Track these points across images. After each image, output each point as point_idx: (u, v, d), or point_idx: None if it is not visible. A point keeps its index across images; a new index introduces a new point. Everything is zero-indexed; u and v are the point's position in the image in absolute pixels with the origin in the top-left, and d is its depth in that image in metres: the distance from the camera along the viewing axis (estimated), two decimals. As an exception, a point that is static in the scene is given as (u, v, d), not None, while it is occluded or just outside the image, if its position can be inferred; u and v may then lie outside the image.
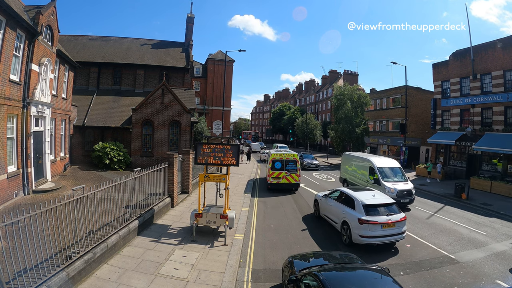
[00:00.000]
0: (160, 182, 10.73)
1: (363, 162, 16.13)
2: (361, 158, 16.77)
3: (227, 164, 9.01)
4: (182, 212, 11.04)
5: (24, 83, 12.20)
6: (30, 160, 12.67)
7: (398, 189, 13.59)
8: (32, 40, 12.57)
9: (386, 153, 35.53)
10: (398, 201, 12.46)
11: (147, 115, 21.08)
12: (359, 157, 17.22)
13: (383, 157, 18.71)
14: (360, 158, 16.80)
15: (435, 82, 26.63)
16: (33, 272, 4.83)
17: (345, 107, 31.97)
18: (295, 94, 78.70)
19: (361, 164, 16.34)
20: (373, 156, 17.14)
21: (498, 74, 20.69)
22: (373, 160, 15.48)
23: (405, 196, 13.64)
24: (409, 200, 13.79)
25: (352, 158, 17.94)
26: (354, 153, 19.65)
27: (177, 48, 29.77)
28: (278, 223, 11.10)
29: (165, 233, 8.87)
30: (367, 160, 15.78)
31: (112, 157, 18.87)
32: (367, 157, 16.50)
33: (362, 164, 16.16)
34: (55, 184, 14.29)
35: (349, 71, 58.00)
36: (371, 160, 15.38)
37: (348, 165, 18.03)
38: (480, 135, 21.42)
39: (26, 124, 12.34)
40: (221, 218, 8.62)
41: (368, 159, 15.83)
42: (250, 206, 13.15)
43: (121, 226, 7.62)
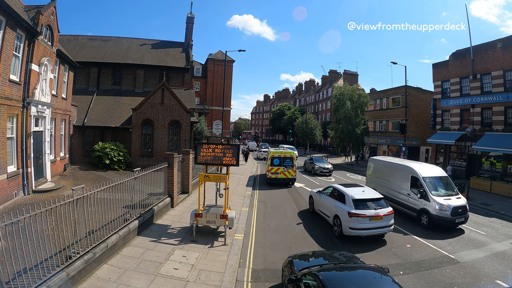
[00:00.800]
0: (160, 182, 10.73)
1: (401, 170, 12.84)
2: (397, 164, 13.47)
3: (227, 164, 9.01)
4: (182, 212, 11.04)
5: (24, 83, 12.20)
6: (30, 160, 12.66)
7: (452, 206, 10.49)
8: (32, 40, 12.57)
9: (386, 153, 35.55)
10: (453, 221, 10.44)
11: (147, 115, 21.07)
12: (393, 163, 13.91)
13: (425, 163, 14.88)
14: (396, 165, 13.53)
15: (435, 82, 26.65)
16: (33, 272, 4.83)
17: (345, 107, 31.96)
18: (295, 94, 78.73)
19: (398, 172, 13.00)
20: (414, 163, 13.46)
21: (498, 74, 20.70)
22: (415, 167, 12.12)
23: (461, 215, 10.58)
24: (464, 219, 10.77)
25: (383, 164, 14.55)
26: (385, 158, 15.88)
27: (177, 48, 29.77)
28: (278, 223, 11.10)
29: (165, 233, 8.87)
30: (407, 167, 12.43)
31: (112, 157, 18.86)
32: (406, 163, 13.08)
33: (399, 173, 12.83)
34: (55, 184, 14.28)
35: (349, 71, 58.04)
36: (413, 168, 12.08)
37: (378, 173, 14.56)
38: (480, 135, 21.44)
39: (26, 124, 12.33)
40: (221, 218, 8.63)
41: (408, 166, 12.51)
42: (250, 206, 13.15)
43: (121, 226, 7.62)
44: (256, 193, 16.35)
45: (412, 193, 11.83)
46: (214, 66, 46.31)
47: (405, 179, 12.32)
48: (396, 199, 12.70)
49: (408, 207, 12.00)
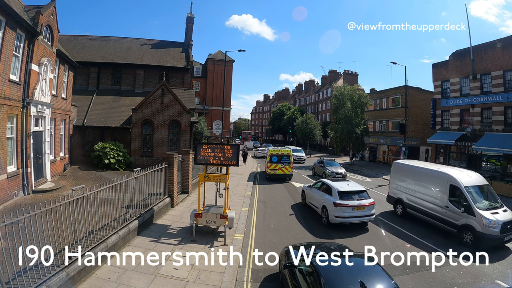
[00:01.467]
0: (160, 182, 10.73)
1: (435, 177, 10.82)
2: (430, 171, 11.29)
3: (227, 164, 9.02)
4: (182, 212, 11.03)
5: (24, 83, 12.21)
6: (30, 160, 12.67)
7: (501, 221, 8.71)
8: (32, 40, 12.57)
9: (385, 153, 35.57)
10: (501, 239, 8.68)
11: (147, 115, 21.08)
12: (425, 169, 11.67)
13: (461, 168, 12.49)
14: (428, 171, 11.36)
15: (435, 82, 26.67)
16: (32, 272, 4.83)
17: (345, 107, 31.97)
18: (295, 94, 78.72)
19: (431, 180, 11.02)
20: (450, 168, 11.44)
21: (498, 74, 20.72)
22: (455, 175, 10.14)
23: (510, 231, 8.84)
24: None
25: (411, 170, 12.27)
26: (413, 163, 13.19)
27: (177, 48, 29.77)
28: (278, 223, 11.10)
29: (165, 233, 8.87)
30: (444, 174, 10.43)
31: (111, 157, 18.86)
32: (442, 169, 10.99)
33: (433, 181, 10.91)
34: (55, 184, 14.29)
35: (349, 71, 58.04)
36: (452, 175, 10.09)
37: (405, 180, 12.43)
38: (480, 135, 21.46)
39: (26, 124, 12.34)
40: (221, 218, 8.62)
41: (445, 173, 10.46)
42: (250, 206, 13.14)
43: (121, 226, 7.63)
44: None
45: (451, 206, 9.81)
46: (214, 66, 46.29)
47: (441, 189, 10.35)
48: (429, 212, 10.70)
49: (445, 222, 9.98)
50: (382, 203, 13.84)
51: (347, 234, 9.98)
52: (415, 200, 11.55)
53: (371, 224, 11.07)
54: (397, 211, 12.59)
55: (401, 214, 12.28)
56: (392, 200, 13.02)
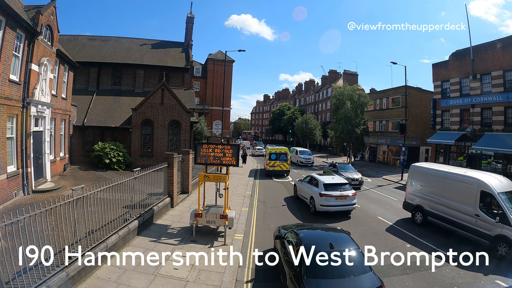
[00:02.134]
0: (160, 182, 10.73)
1: (463, 182, 9.75)
2: (456, 175, 10.19)
3: (226, 164, 9.01)
4: (182, 212, 11.03)
5: (24, 83, 12.21)
6: (29, 160, 12.67)
7: None
8: (32, 40, 12.57)
9: (385, 153, 35.56)
10: None
11: (146, 115, 21.08)
12: (449, 173, 10.55)
13: (490, 172, 11.19)
14: (453, 176, 10.26)
15: (434, 82, 26.66)
16: (32, 272, 4.83)
17: (345, 107, 31.97)
18: (295, 94, 78.71)
19: (458, 186, 9.93)
20: (479, 173, 10.38)
21: (498, 74, 20.72)
22: (486, 180, 9.15)
23: None
24: None
25: (433, 174, 11.15)
26: (435, 166, 12.14)
27: (177, 48, 29.78)
28: (278, 223, 11.07)
29: (165, 233, 8.87)
30: (473, 180, 9.38)
31: (111, 157, 18.87)
32: (469, 174, 9.94)
33: (460, 187, 9.81)
34: (55, 184, 14.29)
35: (349, 71, 58.04)
36: (483, 181, 9.10)
37: (426, 185, 11.34)
38: (480, 135, 21.45)
39: (25, 124, 12.34)
40: (221, 218, 8.63)
41: (474, 178, 9.43)
42: (250, 206, 13.15)
43: (120, 226, 7.63)
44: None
45: (482, 214, 8.83)
46: (214, 66, 46.29)
47: (470, 195, 9.30)
48: (456, 221, 9.66)
49: (476, 232, 8.95)
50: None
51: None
52: (438, 207, 10.45)
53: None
54: (416, 219, 11.39)
55: (420, 223, 11.12)
56: (410, 207, 11.81)
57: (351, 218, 11.89)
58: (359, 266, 5.47)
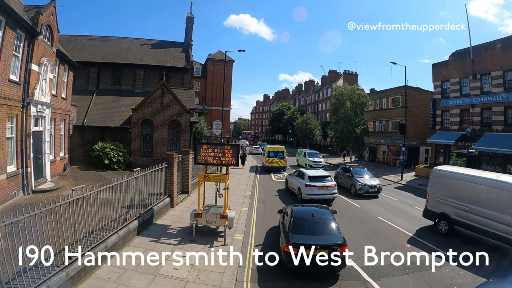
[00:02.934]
0: (160, 182, 10.73)
1: (497, 188, 8.90)
2: (488, 180, 9.30)
3: (226, 164, 9.02)
4: (182, 212, 11.03)
5: (23, 83, 12.21)
6: (29, 160, 12.67)
7: None
8: (31, 40, 12.57)
9: (385, 153, 35.55)
10: None
11: (146, 115, 21.08)
12: (480, 177, 9.62)
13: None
14: (485, 181, 9.35)
15: (434, 82, 26.66)
16: (32, 272, 4.83)
17: (345, 107, 31.96)
18: (295, 94, 78.71)
19: (491, 191, 9.06)
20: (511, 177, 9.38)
21: (498, 74, 20.71)
22: None
23: None
24: None
25: (460, 179, 10.14)
26: (462, 170, 11.10)
27: (177, 48, 29.78)
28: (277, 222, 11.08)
29: (164, 233, 8.87)
30: (508, 185, 8.58)
31: (111, 157, 18.87)
32: (502, 178, 9.13)
33: (495, 192, 8.95)
34: (55, 184, 14.29)
35: (348, 71, 58.00)
36: None
37: (451, 191, 10.27)
38: (479, 135, 21.45)
39: (25, 124, 12.34)
40: (221, 218, 8.63)
41: (509, 183, 8.63)
42: (250, 206, 13.14)
43: (120, 226, 7.63)
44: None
45: None
46: (214, 66, 46.29)
47: (506, 202, 8.45)
48: (490, 231, 8.73)
49: None
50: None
51: None
52: (466, 215, 9.53)
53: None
54: (440, 229, 10.38)
55: (445, 232, 10.19)
56: (433, 215, 10.75)
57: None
58: (330, 228, 7.68)
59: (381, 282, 6.91)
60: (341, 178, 18.44)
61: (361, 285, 6.79)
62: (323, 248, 6.83)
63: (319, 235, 7.45)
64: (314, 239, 7.13)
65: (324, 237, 7.39)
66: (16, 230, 4.62)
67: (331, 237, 7.32)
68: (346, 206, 14.15)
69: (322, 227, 7.73)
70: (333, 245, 6.94)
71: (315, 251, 6.73)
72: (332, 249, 6.86)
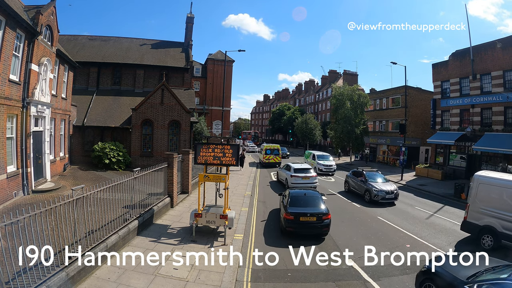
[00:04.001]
0: (160, 182, 10.73)
1: None
2: None
3: (226, 164, 9.02)
4: (182, 212, 11.03)
5: (23, 83, 12.19)
6: (29, 160, 12.66)
7: None
8: (31, 40, 12.56)
9: (385, 153, 35.55)
10: None
11: (146, 115, 21.07)
12: None
13: None
14: None
15: (434, 82, 26.66)
16: (32, 272, 4.83)
17: (345, 107, 31.96)
18: (295, 94, 78.73)
19: None
20: None
21: (498, 74, 20.71)
22: None
23: None
24: None
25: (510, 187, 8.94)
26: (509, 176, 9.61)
27: (177, 48, 29.77)
28: (278, 224, 11.08)
29: (164, 233, 8.87)
30: None
31: (111, 157, 18.85)
32: None
33: None
34: (55, 184, 14.28)
35: (348, 71, 58.01)
36: None
37: (500, 199, 9.10)
38: (479, 135, 21.44)
39: (25, 124, 12.32)
40: (221, 218, 8.62)
41: None
42: (250, 206, 13.13)
43: (120, 226, 7.63)
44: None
45: None
46: (214, 66, 46.29)
47: None
48: None
49: None
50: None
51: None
52: None
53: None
54: (484, 244, 9.23)
55: (490, 248, 8.96)
56: (475, 228, 9.51)
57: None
58: (318, 203, 10.11)
59: (381, 282, 6.91)
60: (353, 183, 16.67)
61: (361, 285, 6.79)
62: (312, 216, 9.42)
63: (309, 207, 9.85)
64: (306, 210, 9.61)
65: (313, 208, 9.80)
66: (16, 230, 4.61)
67: (318, 209, 9.73)
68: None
69: (312, 202, 10.16)
70: (319, 213, 9.46)
71: (307, 218, 9.37)
72: (319, 216, 9.40)
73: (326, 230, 9.40)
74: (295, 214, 9.26)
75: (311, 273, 7.22)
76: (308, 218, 9.27)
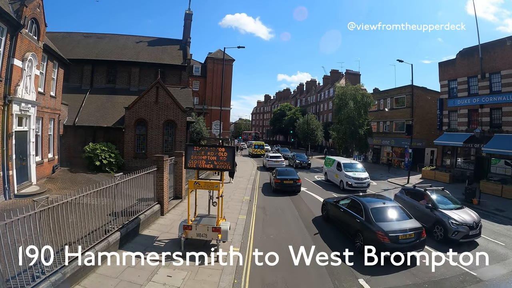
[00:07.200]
0: (150, 186, 9.84)
1: None
2: None
3: (220, 168, 7.98)
4: (173, 220, 10.03)
5: (5, 79, 11.34)
6: (11, 162, 11.80)
7: None
8: (14, 33, 11.70)
9: (390, 155, 34.56)
10: None
11: (140, 115, 20.15)
12: None
13: None
14: None
15: (441, 81, 25.70)
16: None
17: (348, 107, 30.97)
18: (296, 94, 77.75)
19: None
20: None
21: (508, 73, 19.80)
22: None
23: None
24: None
25: None
26: None
27: (174, 46, 28.85)
28: (278, 232, 10.13)
29: (150, 246, 7.88)
30: None
31: (102, 159, 17.91)
32: None
33: None
34: (40, 187, 13.39)
35: (351, 71, 56.99)
36: None
37: None
38: (489, 137, 20.53)
39: (7, 123, 11.48)
40: (213, 231, 7.58)
41: None
42: (248, 213, 12.12)
43: (98, 240, 6.69)
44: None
45: None
46: (213, 65, 45.31)
47: None
48: None
49: None
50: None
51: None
52: None
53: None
54: None
55: None
56: None
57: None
58: (293, 173, 17.82)
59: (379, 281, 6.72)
60: (409, 209, 9.96)
61: (358, 285, 6.59)
62: (291, 180, 16.74)
63: (289, 176, 17.03)
64: (287, 177, 16.88)
65: (291, 176, 17.04)
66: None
67: (294, 176, 17.13)
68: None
69: (290, 173, 17.48)
70: (295, 179, 16.89)
71: (287, 181, 16.64)
72: (294, 180, 16.83)
73: (299, 188, 16.99)
74: (280, 179, 16.64)
75: None
76: (288, 181, 16.62)
